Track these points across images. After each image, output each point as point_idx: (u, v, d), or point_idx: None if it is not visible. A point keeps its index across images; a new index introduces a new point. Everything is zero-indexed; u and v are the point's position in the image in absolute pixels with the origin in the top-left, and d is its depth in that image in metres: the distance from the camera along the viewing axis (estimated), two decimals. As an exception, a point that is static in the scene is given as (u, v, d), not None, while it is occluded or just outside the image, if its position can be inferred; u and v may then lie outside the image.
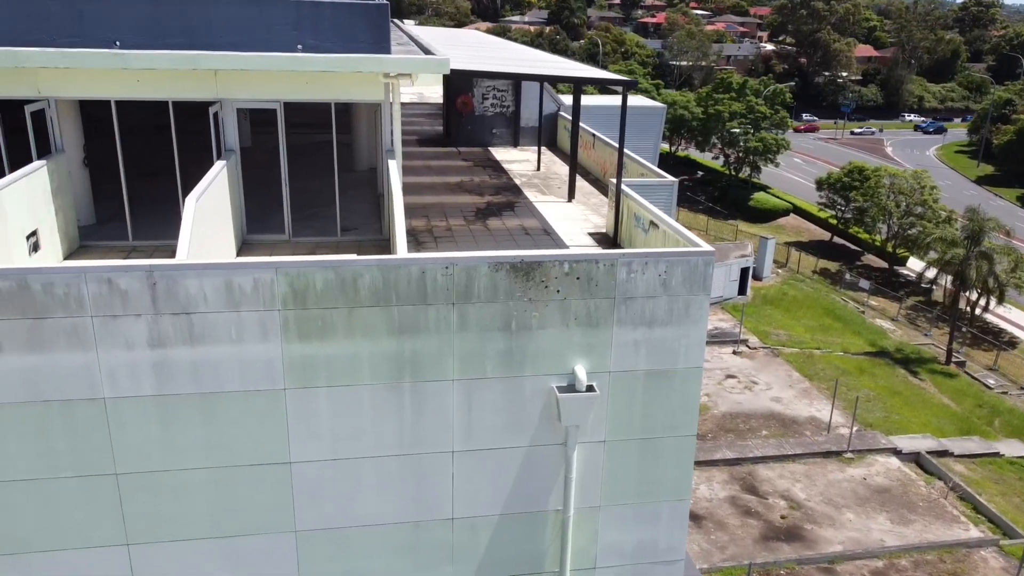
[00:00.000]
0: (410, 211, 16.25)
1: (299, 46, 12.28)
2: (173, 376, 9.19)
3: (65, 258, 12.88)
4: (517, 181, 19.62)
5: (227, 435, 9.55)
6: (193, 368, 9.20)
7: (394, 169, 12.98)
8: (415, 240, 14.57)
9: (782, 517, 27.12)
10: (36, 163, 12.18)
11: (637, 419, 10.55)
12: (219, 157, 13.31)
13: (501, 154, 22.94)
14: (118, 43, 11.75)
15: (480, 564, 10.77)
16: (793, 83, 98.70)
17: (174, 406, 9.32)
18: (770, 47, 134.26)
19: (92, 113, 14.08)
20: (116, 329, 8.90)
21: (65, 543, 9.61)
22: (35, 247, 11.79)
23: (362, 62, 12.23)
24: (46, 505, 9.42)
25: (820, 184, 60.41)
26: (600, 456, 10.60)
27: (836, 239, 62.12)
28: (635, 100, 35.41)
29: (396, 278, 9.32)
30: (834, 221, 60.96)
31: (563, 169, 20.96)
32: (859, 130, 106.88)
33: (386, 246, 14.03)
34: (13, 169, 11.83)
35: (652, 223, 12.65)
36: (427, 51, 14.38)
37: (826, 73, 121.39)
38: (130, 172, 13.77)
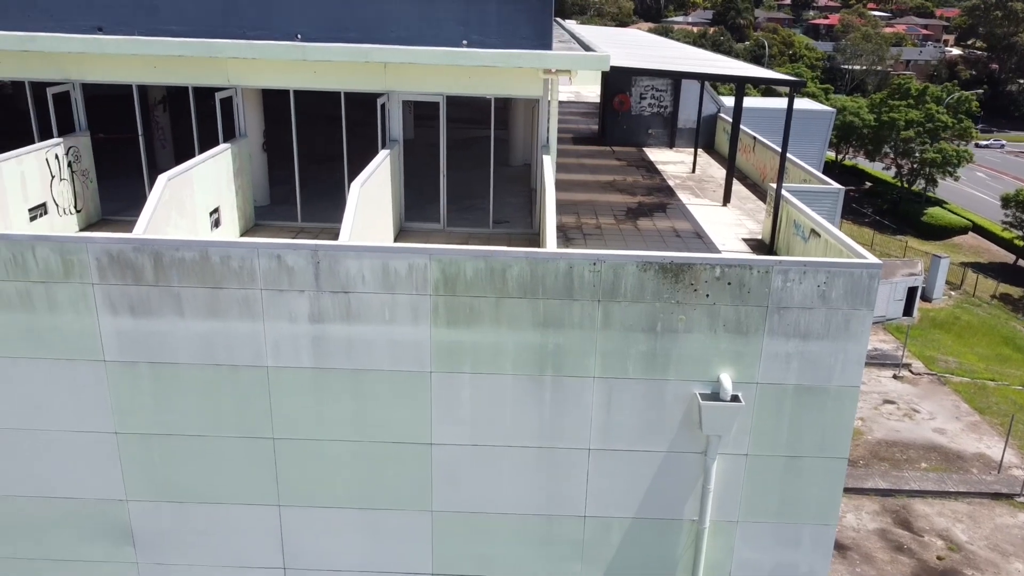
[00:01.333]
0: (561, 207, 16.34)
1: (464, 41, 12.61)
2: (329, 351, 9.71)
3: (241, 234, 13.91)
4: (670, 182, 19.25)
5: (374, 412, 9.98)
6: (347, 345, 9.68)
7: (548, 165, 13.06)
8: (564, 236, 14.62)
9: (939, 558, 25.03)
10: (222, 146, 13.25)
11: (784, 435, 10.07)
12: (383, 147, 13.92)
13: (656, 155, 22.58)
14: (299, 36, 12.55)
15: (610, 566, 10.66)
16: (980, 91, 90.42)
17: (328, 379, 9.85)
18: (956, 51, 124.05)
19: (272, 102, 15.13)
20: (282, 302, 9.52)
21: (225, 497, 10.40)
22: (216, 223, 12.82)
23: (524, 57, 12.39)
24: (211, 461, 10.24)
25: (1006, 201, 55.12)
26: (741, 469, 10.21)
27: (1021, 262, 56.60)
28: (801, 103, 33.80)
29: (544, 271, 9.38)
30: (1021, 243, 55.55)
31: (719, 172, 20.34)
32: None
33: (536, 240, 14.18)
34: (203, 150, 12.92)
35: (813, 231, 12.02)
36: (588, 48, 14.37)
37: (1021, 81, 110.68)
38: (303, 158, 14.70)
